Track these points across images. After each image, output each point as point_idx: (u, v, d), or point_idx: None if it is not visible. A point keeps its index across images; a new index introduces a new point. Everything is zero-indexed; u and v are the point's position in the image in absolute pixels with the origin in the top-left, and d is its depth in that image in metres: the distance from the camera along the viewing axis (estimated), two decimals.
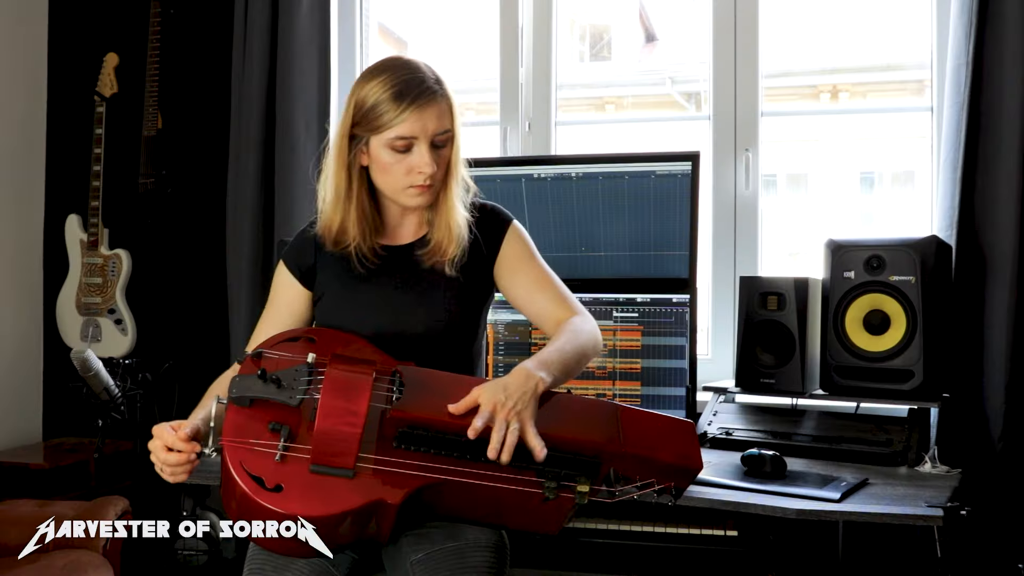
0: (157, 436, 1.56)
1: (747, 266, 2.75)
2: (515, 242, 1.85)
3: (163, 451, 1.54)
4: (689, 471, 1.68)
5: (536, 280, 1.84)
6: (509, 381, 1.59)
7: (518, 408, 1.55)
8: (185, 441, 1.54)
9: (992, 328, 2.35)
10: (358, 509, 1.48)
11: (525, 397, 1.57)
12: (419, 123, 1.68)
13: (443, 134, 1.71)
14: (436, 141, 1.71)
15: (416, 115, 1.67)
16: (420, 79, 1.69)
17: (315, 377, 1.58)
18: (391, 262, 1.81)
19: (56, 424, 3.34)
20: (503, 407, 1.54)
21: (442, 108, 1.70)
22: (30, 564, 2.31)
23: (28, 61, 3.31)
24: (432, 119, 1.68)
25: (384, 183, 1.76)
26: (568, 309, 1.82)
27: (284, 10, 2.90)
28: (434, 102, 1.69)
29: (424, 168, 1.69)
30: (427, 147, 1.69)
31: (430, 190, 1.74)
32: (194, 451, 1.55)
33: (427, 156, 1.69)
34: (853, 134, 3.42)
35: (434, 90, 1.69)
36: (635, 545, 2.09)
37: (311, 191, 2.86)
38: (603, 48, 3.97)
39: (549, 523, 1.65)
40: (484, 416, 1.53)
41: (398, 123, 1.67)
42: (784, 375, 2.32)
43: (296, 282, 1.85)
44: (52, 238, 3.33)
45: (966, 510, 1.72)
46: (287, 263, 1.87)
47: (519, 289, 1.84)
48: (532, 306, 1.84)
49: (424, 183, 1.71)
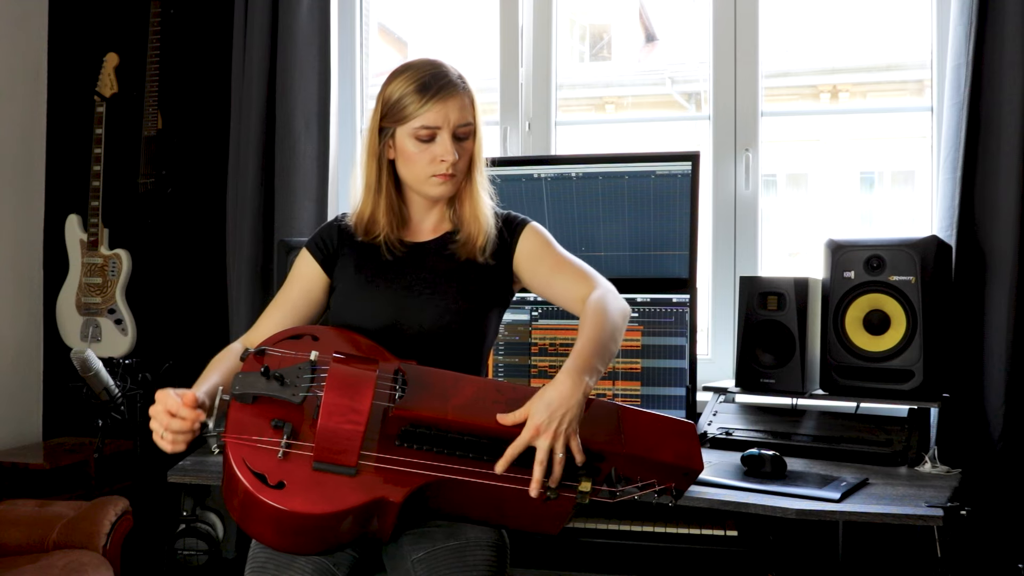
0: (160, 401, 1.53)
1: (747, 266, 2.76)
2: (532, 237, 1.89)
3: (166, 415, 1.52)
4: (690, 472, 1.68)
5: (554, 265, 1.86)
6: (553, 396, 1.55)
7: (563, 429, 1.54)
8: (190, 408, 1.53)
9: (992, 328, 2.35)
10: (360, 507, 1.48)
11: (570, 415, 1.55)
12: (441, 113, 1.74)
13: (465, 126, 1.77)
14: (458, 133, 1.77)
15: (439, 106, 1.74)
16: (443, 74, 1.77)
17: (318, 375, 1.58)
18: (407, 259, 1.84)
19: (56, 424, 3.34)
20: (546, 431, 1.53)
21: (464, 101, 1.77)
22: (30, 564, 2.31)
23: (28, 61, 3.31)
24: (454, 110, 1.75)
25: (409, 173, 1.81)
26: (588, 284, 1.82)
27: (284, 10, 2.90)
28: (456, 94, 1.76)
29: (447, 156, 1.75)
30: (449, 137, 1.76)
31: (452, 180, 1.79)
32: (198, 419, 1.53)
33: (449, 145, 1.75)
34: (853, 134, 3.42)
35: (456, 84, 1.77)
36: (635, 545, 2.09)
37: (311, 191, 2.91)
38: (603, 48, 3.96)
39: (550, 523, 1.66)
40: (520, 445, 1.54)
41: (422, 113, 1.74)
42: (784, 375, 2.32)
43: (317, 266, 1.87)
44: (52, 238, 3.33)
45: (966, 510, 1.73)
46: (310, 249, 1.89)
47: (540, 276, 1.86)
48: (553, 289, 1.85)
49: (447, 172, 1.77)
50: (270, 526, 1.50)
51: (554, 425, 1.53)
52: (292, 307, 1.85)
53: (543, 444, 1.53)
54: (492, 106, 3.00)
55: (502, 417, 1.57)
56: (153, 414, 1.53)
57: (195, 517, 2.86)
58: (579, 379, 1.58)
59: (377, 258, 1.83)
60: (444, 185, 1.79)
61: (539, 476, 1.54)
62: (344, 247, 1.87)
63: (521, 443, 1.54)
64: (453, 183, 1.80)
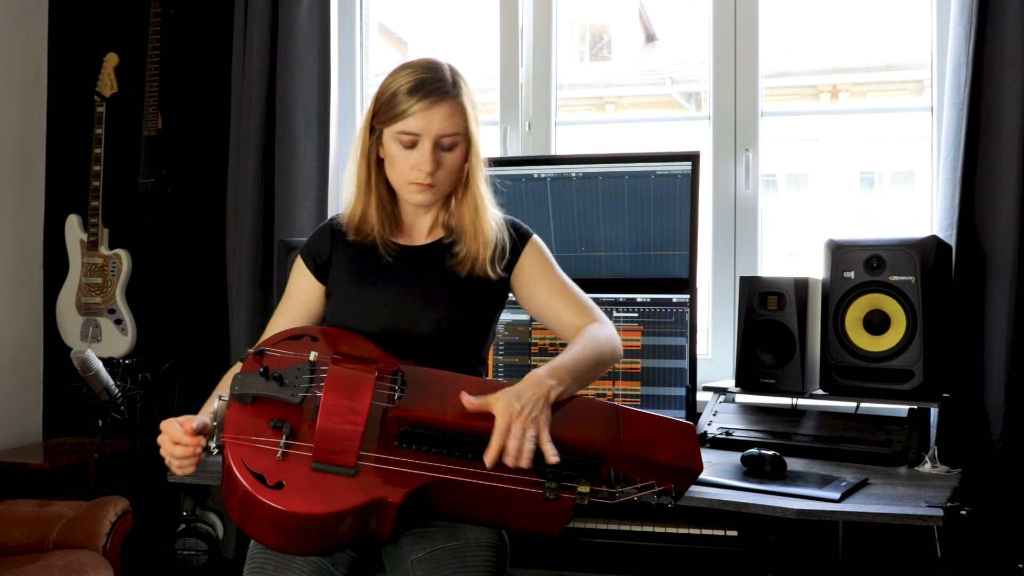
0: (164, 431, 1.58)
1: (747, 266, 2.75)
2: (534, 254, 1.86)
3: (170, 444, 1.57)
4: (689, 472, 1.68)
5: (554, 288, 1.84)
6: (522, 389, 1.58)
7: (534, 415, 1.55)
8: (190, 435, 1.56)
9: (992, 328, 2.35)
10: (359, 507, 1.48)
11: (539, 404, 1.57)
12: (424, 120, 1.69)
13: (450, 136, 1.71)
14: (442, 143, 1.71)
15: (423, 112, 1.68)
16: (436, 78, 1.71)
17: (317, 375, 1.58)
18: (404, 264, 1.81)
19: (56, 424, 3.34)
20: (519, 416, 1.54)
21: (452, 110, 1.70)
22: (30, 564, 2.31)
23: (28, 61, 3.31)
24: (438, 119, 1.69)
25: (391, 176, 1.78)
26: (587, 315, 1.81)
27: (284, 10, 2.90)
28: (443, 102, 1.69)
29: (423, 166, 1.70)
30: (430, 146, 1.70)
31: (430, 190, 1.74)
32: (199, 445, 1.57)
33: (428, 155, 1.70)
34: (853, 134, 3.42)
35: (446, 91, 1.70)
36: (635, 545, 2.09)
37: (311, 191, 2.91)
38: (603, 48, 3.96)
39: (549, 524, 1.66)
40: (501, 432, 1.54)
41: (406, 117, 1.69)
42: (784, 375, 2.32)
43: (311, 276, 1.85)
44: (52, 238, 3.33)
45: (966, 510, 1.72)
46: (304, 257, 1.87)
47: (537, 298, 1.84)
48: (550, 314, 1.84)
49: (423, 181, 1.72)
50: (269, 526, 1.50)
51: (526, 411, 1.55)
52: (295, 319, 1.84)
53: (516, 428, 1.54)
54: (492, 106, 3.00)
55: (467, 400, 1.57)
56: (159, 443, 1.59)
57: (195, 517, 2.87)
58: (545, 380, 1.60)
59: (372, 261, 1.81)
60: (422, 194, 1.75)
61: (495, 446, 1.53)
62: (337, 251, 1.84)
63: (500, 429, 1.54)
64: (432, 193, 1.75)
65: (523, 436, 1.54)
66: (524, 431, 1.54)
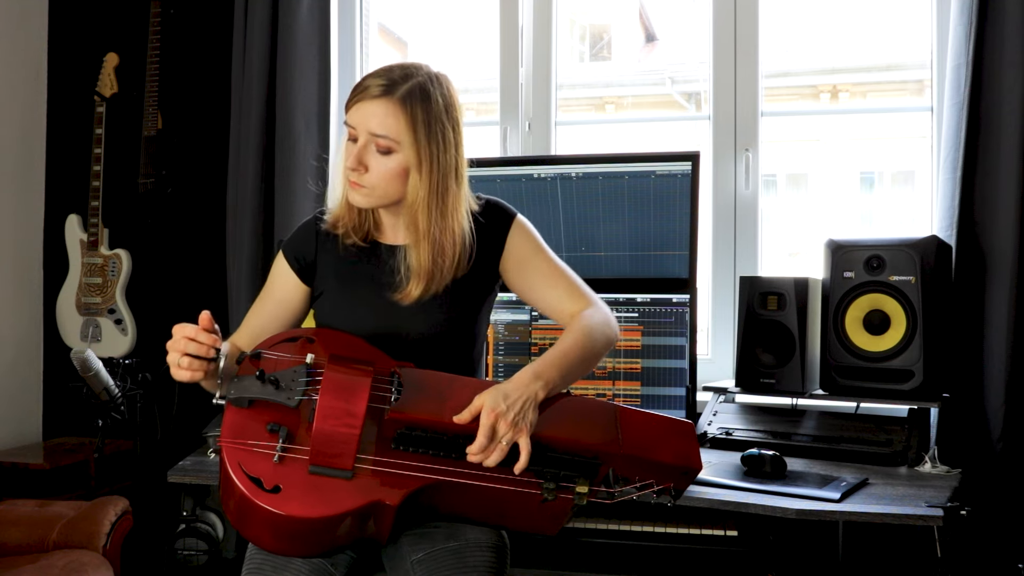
0: (178, 330, 1.53)
1: (747, 266, 2.75)
2: (520, 238, 1.81)
3: (183, 340, 1.52)
4: (688, 472, 1.68)
5: (545, 274, 1.81)
6: (510, 389, 1.58)
7: (516, 420, 1.55)
8: (208, 329, 1.53)
9: (992, 328, 2.35)
10: (357, 510, 1.48)
11: (527, 405, 1.57)
12: (359, 114, 1.65)
13: (382, 138, 1.64)
14: (378, 144, 1.65)
15: (360, 105, 1.65)
16: (384, 75, 1.66)
17: (313, 378, 1.58)
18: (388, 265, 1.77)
19: (56, 424, 3.34)
20: (503, 418, 1.54)
21: (389, 110, 1.63)
22: (30, 564, 2.31)
23: (28, 61, 3.31)
24: (373, 115, 1.64)
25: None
26: (580, 300, 1.79)
27: (284, 10, 2.90)
28: (382, 99, 1.63)
29: (348, 162, 1.67)
30: (365, 143, 1.66)
31: (362, 191, 1.68)
32: (215, 343, 1.53)
33: (355, 150, 1.66)
34: (853, 134, 3.42)
35: (387, 89, 1.64)
36: (635, 545, 2.09)
37: (311, 191, 2.91)
38: (603, 48, 3.97)
39: (548, 524, 1.66)
40: (486, 430, 1.53)
41: (348, 110, 1.68)
42: (784, 375, 2.32)
43: (293, 275, 1.81)
44: (52, 238, 3.33)
45: (966, 510, 1.73)
46: (286, 254, 1.83)
47: (529, 285, 1.81)
48: (543, 301, 1.82)
49: (352, 179, 1.68)
50: (267, 530, 1.50)
51: (511, 413, 1.54)
52: (269, 316, 1.81)
53: (500, 428, 1.54)
54: (492, 106, 3.00)
55: (458, 417, 1.56)
56: (169, 348, 1.54)
57: (195, 517, 2.86)
58: (534, 380, 1.60)
59: (358, 262, 1.78)
60: (354, 193, 1.68)
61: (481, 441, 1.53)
62: (322, 251, 1.80)
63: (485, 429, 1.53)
64: (363, 195, 1.68)
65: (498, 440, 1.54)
66: (502, 436, 1.54)
